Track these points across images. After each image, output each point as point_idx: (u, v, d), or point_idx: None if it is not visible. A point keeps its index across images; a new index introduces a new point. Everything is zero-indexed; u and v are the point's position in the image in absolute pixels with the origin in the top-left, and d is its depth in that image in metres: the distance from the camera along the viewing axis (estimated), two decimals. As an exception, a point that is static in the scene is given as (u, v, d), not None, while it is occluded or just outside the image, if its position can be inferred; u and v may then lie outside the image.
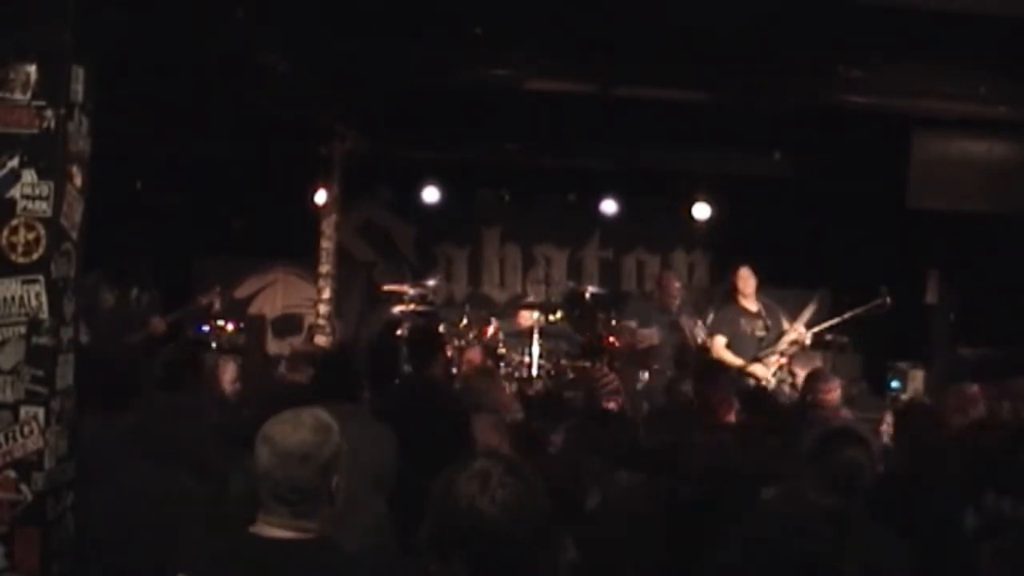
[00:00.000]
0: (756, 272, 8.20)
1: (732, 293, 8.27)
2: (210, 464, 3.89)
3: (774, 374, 7.83)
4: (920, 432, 4.88)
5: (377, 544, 4.21)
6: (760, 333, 7.99)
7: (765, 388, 7.63)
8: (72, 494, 3.02)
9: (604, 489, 4.29)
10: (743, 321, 8.03)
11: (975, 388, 5.59)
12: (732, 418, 5.49)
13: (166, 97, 7.79)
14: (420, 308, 10.41)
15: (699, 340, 8.35)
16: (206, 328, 10.04)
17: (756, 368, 7.81)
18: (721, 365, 7.41)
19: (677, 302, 8.87)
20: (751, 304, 8.12)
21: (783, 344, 7.86)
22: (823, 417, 5.52)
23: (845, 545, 3.28)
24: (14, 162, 2.94)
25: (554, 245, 12.23)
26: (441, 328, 9.05)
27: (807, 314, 7.99)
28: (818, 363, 8.03)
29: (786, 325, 8.03)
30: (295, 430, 2.52)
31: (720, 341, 8.03)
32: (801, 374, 6.94)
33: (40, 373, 2.93)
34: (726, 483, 4.00)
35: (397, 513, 4.09)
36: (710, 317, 10.64)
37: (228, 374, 5.97)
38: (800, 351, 7.92)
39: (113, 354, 3.69)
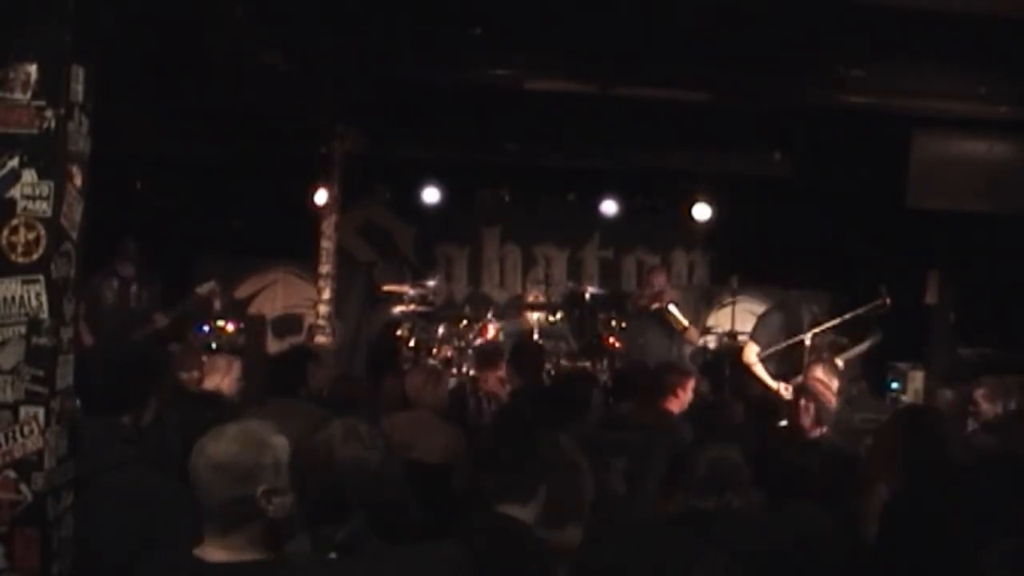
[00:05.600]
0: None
1: None
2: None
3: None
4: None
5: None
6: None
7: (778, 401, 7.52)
8: (72, 494, 3.02)
9: None
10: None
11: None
12: None
13: (166, 97, 7.79)
14: (420, 308, 10.42)
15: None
16: (206, 328, 10.04)
17: (779, 385, 7.70)
18: None
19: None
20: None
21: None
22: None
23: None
24: (14, 162, 2.94)
25: (554, 245, 12.24)
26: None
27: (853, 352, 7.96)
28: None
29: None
30: (218, 440, 2.56)
31: (753, 349, 7.95)
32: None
33: (40, 373, 2.93)
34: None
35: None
36: (710, 318, 10.64)
37: (230, 372, 5.91)
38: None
39: (116, 353, 3.64)
